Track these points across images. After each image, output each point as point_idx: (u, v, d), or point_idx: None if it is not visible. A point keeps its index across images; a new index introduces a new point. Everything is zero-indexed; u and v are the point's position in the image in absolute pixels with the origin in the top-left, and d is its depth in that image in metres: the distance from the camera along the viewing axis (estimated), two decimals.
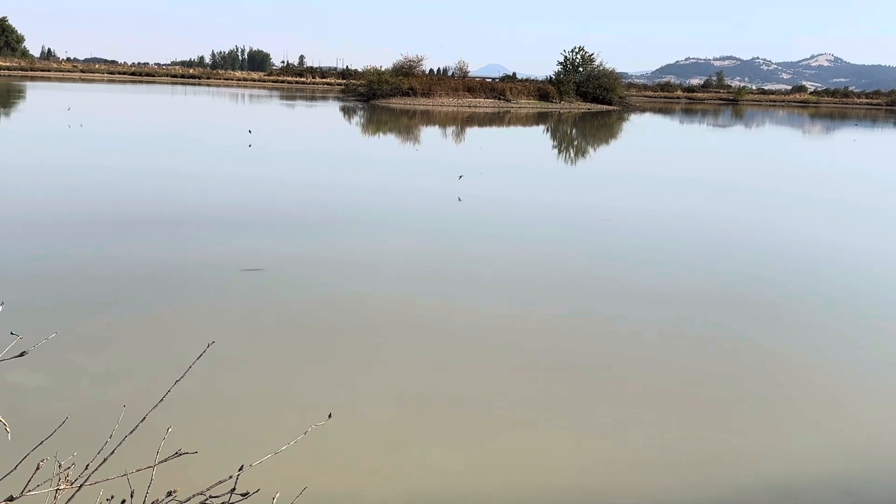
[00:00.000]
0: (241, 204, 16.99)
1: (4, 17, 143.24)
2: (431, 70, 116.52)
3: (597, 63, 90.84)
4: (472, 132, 49.33)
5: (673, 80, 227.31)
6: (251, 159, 25.97)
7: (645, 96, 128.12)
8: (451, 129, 49.17)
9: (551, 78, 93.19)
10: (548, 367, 8.29)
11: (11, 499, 2.09)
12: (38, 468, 2.19)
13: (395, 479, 5.86)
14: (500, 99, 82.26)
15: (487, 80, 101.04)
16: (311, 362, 8.05)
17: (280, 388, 7.34)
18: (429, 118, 58.69)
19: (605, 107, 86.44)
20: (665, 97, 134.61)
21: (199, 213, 15.60)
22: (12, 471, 2.34)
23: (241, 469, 2.30)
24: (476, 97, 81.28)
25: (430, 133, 46.25)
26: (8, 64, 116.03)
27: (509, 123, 59.45)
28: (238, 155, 26.64)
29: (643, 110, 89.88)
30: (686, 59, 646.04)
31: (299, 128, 45.86)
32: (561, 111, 79.06)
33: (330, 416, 2.82)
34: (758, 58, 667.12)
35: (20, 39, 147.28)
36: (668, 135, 57.69)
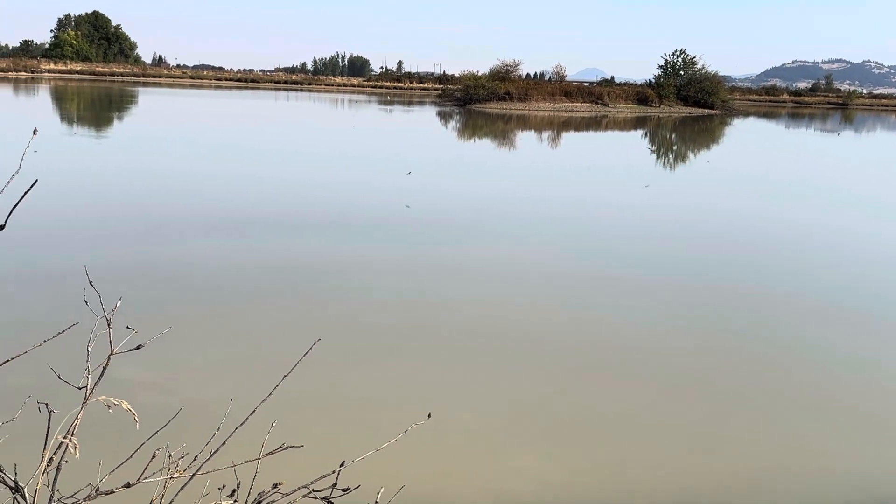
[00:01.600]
0: (353, 208, 17.31)
1: (118, 25, 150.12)
2: (528, 74, 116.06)
3: (699, 66, 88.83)
4: (569, 136, 48.93)
5: (779, 83, 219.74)
6: (353, 164, 26.42)
7: (749, 100, 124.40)
8: (546, 134, 48.88)
9: (651, 81, 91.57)
10: (660, 381, 8.14)
11: (129, 485, 2.18)
12: (153, 456, 2.28)
13: (491, 485, 5.85)
14: (597, 103, 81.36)
15: (585, 83, 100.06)
16: (414, 362, 8.14)
17: (382, 387, 7.44)
18: (525, 122, 58.52)
19: (706, 111, 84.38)
20: (770, 101, 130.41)
21: (319, 217, 15.97)
22: (129, 458, 2.44)
23: (342, 465, 2.34)
24: (573, 101, 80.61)
25: (525, 137, 46.11)
26: (122, 70, 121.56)
27: (606, 127, 58.72)
28: (353, 162, 27.14)
29: (747, 114, 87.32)
30: (793, 62, 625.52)
31: (395, 131, 46.40)
32: (660, 115, 77.59)
33: (430, 415, 2.84)
34: (869, 61, 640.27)
35: (133, 46, 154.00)
36: (774, 139, 55.84)
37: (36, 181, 1.68)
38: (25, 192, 1.67)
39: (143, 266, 11.21)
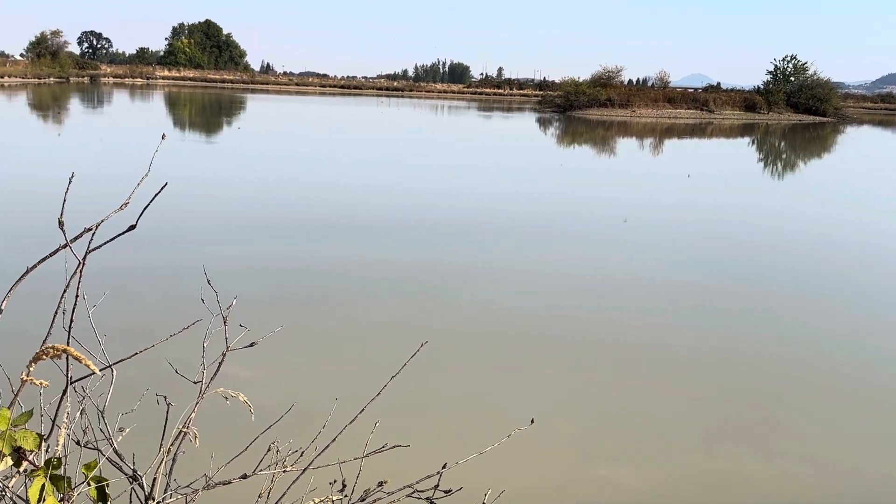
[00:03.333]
0: (459, 215, 17.45)
1: (229, 34, 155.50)
2: (630, 80, 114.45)
3: (810, 72, 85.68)
4: (671, 144, 47.97)
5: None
6: (447, 170, 26.60)
7: (863, 108, 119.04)
8: (648, 141, 48.06)
9: (759, 88, 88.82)
10: (744, 391, 7.92)
11: (245, 476, 2.26)
12: (268, 450, 2.36)
13: (583, 493, 5.80)
14: (702, 110, 79.48)
15: (689, 90, 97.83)
16: (517, 367, 8.15)
17: (484, 389, 7.48)
18: (626, 129, 57.68)
19: (817, 118, 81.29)
20: (886, 109, 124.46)
21: (428, 222, 16.18)
22: (244, 451, 2.53)
23: (444, 466, 2.37)
24: (676, 108, 78.97)
25: (626, 145, 45.46)
26: (231, 77, 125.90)
27: (711, 135, 57.29)
28: (447, 168, 27.36)
29: (861, 122, 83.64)
30: None
31: (495, 138, 46.46)
32: (769, 122, 75.21)
33: (532, 421, 2.84)
34: None
35: (243, 54, 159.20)
36: (890, 149, 53.36)
37: (166, 184, 1.77)
38: (156, 195, 1.76)
39: (253, 266, 11.56)
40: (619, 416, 7.18)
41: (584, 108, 74.61)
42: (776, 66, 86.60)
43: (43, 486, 1.53)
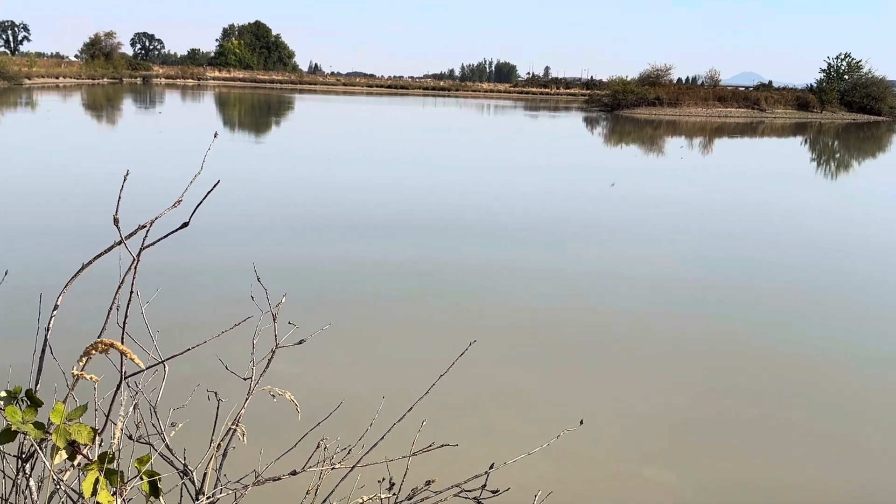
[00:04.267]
0: (509, 214, 17.43)
1: (278, 35, 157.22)
2: (679, 79, 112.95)
3: (865, 70, 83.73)
4: (721, 143, 47.31)
5: None
6: (492, 170, 26.55)
7: None
8: (698, 140, 47.44)
9: (812, 86, 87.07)
10: (798, 398, 7.77)
11: (294, 472, 2.27)
12: (317, 447, 2.37)
13: (628, 494, 5.74)
14: (753, 108, 78.25)
15: (740, 88, 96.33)
16: (566, 367, 8.10)
17: (532, 390, 7.45)
18: (675, 128, 57.02)
19: (872, 117, 79.46)
20: None
21: (473, 221, 16.20)
22: (292, 448, 2.55)
23: (491, 466, 2.35)
24: (727, 107, 77.84)
25: (674, 144, 44.94)
26: (280, 77, 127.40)
27: (763, 134, 56.35)
28: (491, 168, 27.32)
29: None
30: None
31: (541, 136, 46.27)
32: (822, 121, 73.75)
33: (581, 422, 2.81)
34: None
35: (291, 55, 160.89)
36: None
37: (218, 182, 1.79)
38: (208, 192, 1.77)
39: (302, 264, 11.66)
40: (667, 416, 7.09)
41: (632, 107, 73.91)
42: (829, 64, 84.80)
43: (97, 479, 1.55)
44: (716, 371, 8.32)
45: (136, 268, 1.78)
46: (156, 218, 1.77)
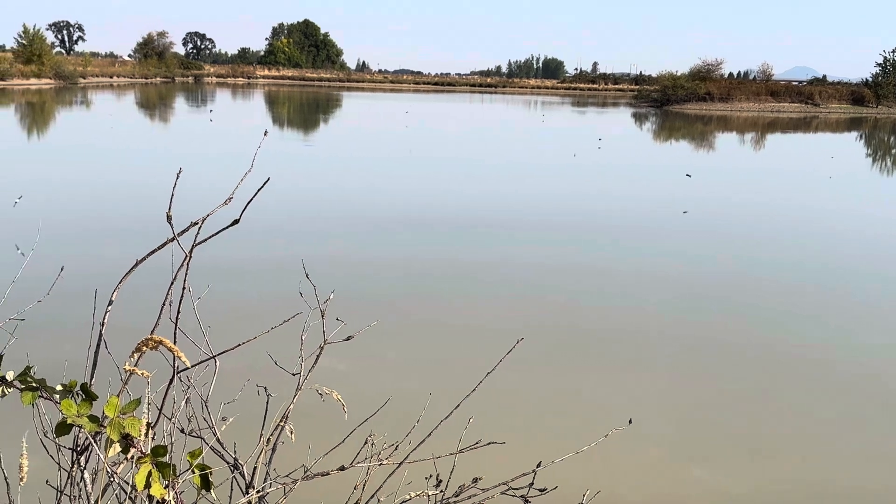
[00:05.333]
0: (557, 212, 17.37)
1: (326, 33, 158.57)
2: (730, 74, 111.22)
3: None
4: (774, 138, 46.48)
5: None
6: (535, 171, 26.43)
7: None
8: (749, 136, 46.66)
9: (867, 81, 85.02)
10: (848, 397, 7.60)
11: (343, 468, 2.29)
12: (365, 443, 2.38)
13: (677, 495, 5.67)
14: (806, 103, 76.72)
15: (793, 83, 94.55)
16: (613, 366, 8.04)
17: (579, 389, 7.41)
18: (726, 124, 56.17)
19: None
20: None
21: (523, 220, 16.18)
22: (340, 444, 2.57)
23: (539, 465, 2.34)
24: (780, 101, 76.44)
25: (726, 140, 44.27)
26: (328, 76, 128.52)
27: (817, 129, 55.23)
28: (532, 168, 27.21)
29: None
30: None
31: (591, 133, 45.94)
32: (878, 116, 72.00)
33: (630, 421, 2.78)
34: None
35: (339, 53, 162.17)
36: None
37: (268, 179, 1.80)
38: (258, 190, 1.79)
39: (349, 262, 11.75)
40: (716, 416, 6.99)
41: (682, 103, 72.99)
42: (885, 58, 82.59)
43: (149, 472, 1.57)
44: (768, 374, 8.18)
45: (188, 264, 1.81)
46: (207, 215, 1.79)
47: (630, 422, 2.79)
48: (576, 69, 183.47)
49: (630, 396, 7.34)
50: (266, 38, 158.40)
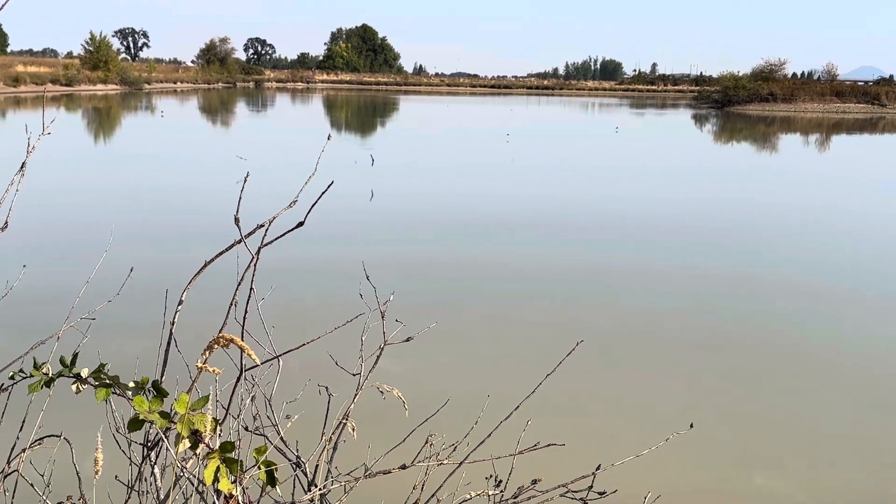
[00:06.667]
0: (618, 217, 17.26)
1: (384, 37, 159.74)
2: (794, 74, 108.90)
3: None
4: (839, 140, 45.35)
5: None
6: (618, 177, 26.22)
7: None
8: (814, 137, 45.63)
9: None
10: None
11: (404, 466, 2.32)
12: (426, 443, 2.41)
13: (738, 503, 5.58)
14: (873, 104, 74.72)
15: (859, 83, 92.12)
16: (671, 370, 7.96)
17: (639, 392, 7.35)
18: (789, 125, 55.00)
19: None
20: None
21: (590, 223, 16.11)
22: (401, 442, 2.60)
23: (598, 467, 2.34)
24: (845, 102, 74.59)
25: (790, 141, 43.36)
26: (386, 79, 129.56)
27: (883, 130, 53.72)
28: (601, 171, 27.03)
29: None
30: None
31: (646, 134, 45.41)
32: None
33: (692, 425, 2.76)
34: None
35: (396, 57, 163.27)
36: None
37: (332, 182, 1.84)
38: (323, 193, 1.83)
39: (409, 264, 11.82)
40: (779, 422, 6.85)
41: (744, 104, 71.74)
42: None
43: (217, 467, 1.62)
44: (835, 381, 8.00)
45: (255, 265, 1.86)
46: (273, 218, 1.84)
47: (692, 426, 2.76)
48: (634, 70, 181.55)
49: (689, 400, 7.25)
50: (325, 43, 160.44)
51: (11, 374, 1.84)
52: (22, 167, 2.07)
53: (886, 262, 13.35)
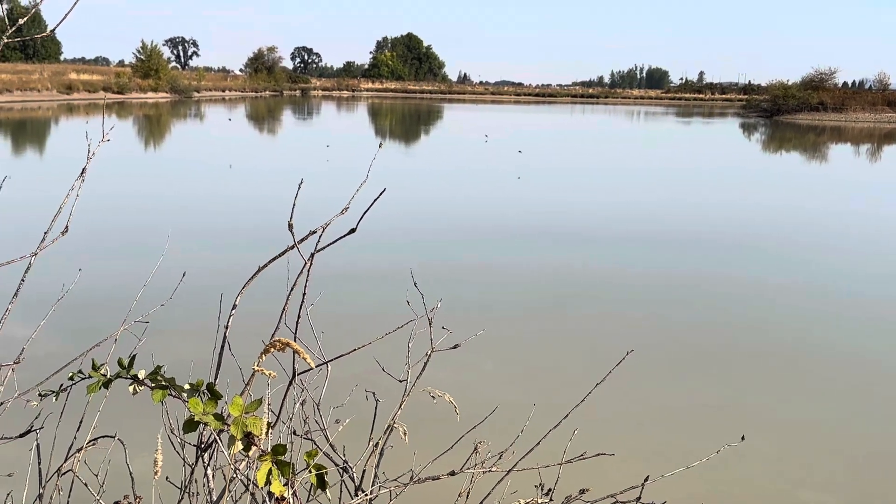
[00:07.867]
0: (672, 225, 17.13)
1: (429, 46, 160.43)
2: (844, 83, 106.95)
3: None
4: (891, 150, 44.39)
5: None
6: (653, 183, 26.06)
7: None
8: (864, 147, 44.74)
9: None
10: None
11: (453, 473, 2.32)
12: (474, 450, 2.41)
13: None
14: None
15: None
16: (721, 382, 7.87)
17: (688, 404, 7.28)
18: (840, 135, 54.01)
19: None
20: None
21: (634, 232, 16.03)
22: (449, 449, 2.61)
23: (647, 479, 2.32)
24: None
25: (840, 151, 42.57)
26: (430, 88, 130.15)
27: None
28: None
29: None
30: None
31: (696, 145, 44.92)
32: None
33: (743, 438, 2.72)
34: None
35: (441, 65, 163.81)
36: None
37: (384, 190, 1.86)
38: (375, 200, 1.85)
39: (455, 271, 11.84)
40: (828, 436, 6.72)
41: (793, 113, 70.63)
42: None
43: (270, 470, 1.64)
44: (881, 389, 7.83)
45: (309, 271, 1.88)
46: (327, 224, 1.86)
47: (743, 438, 2.72)
48: (681, 79, 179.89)
49: (741, 412, 7.14)
50: (370, 52, 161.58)
51: (70, 374, 1.89)
52: (82, 173, 2.12)
53: None
